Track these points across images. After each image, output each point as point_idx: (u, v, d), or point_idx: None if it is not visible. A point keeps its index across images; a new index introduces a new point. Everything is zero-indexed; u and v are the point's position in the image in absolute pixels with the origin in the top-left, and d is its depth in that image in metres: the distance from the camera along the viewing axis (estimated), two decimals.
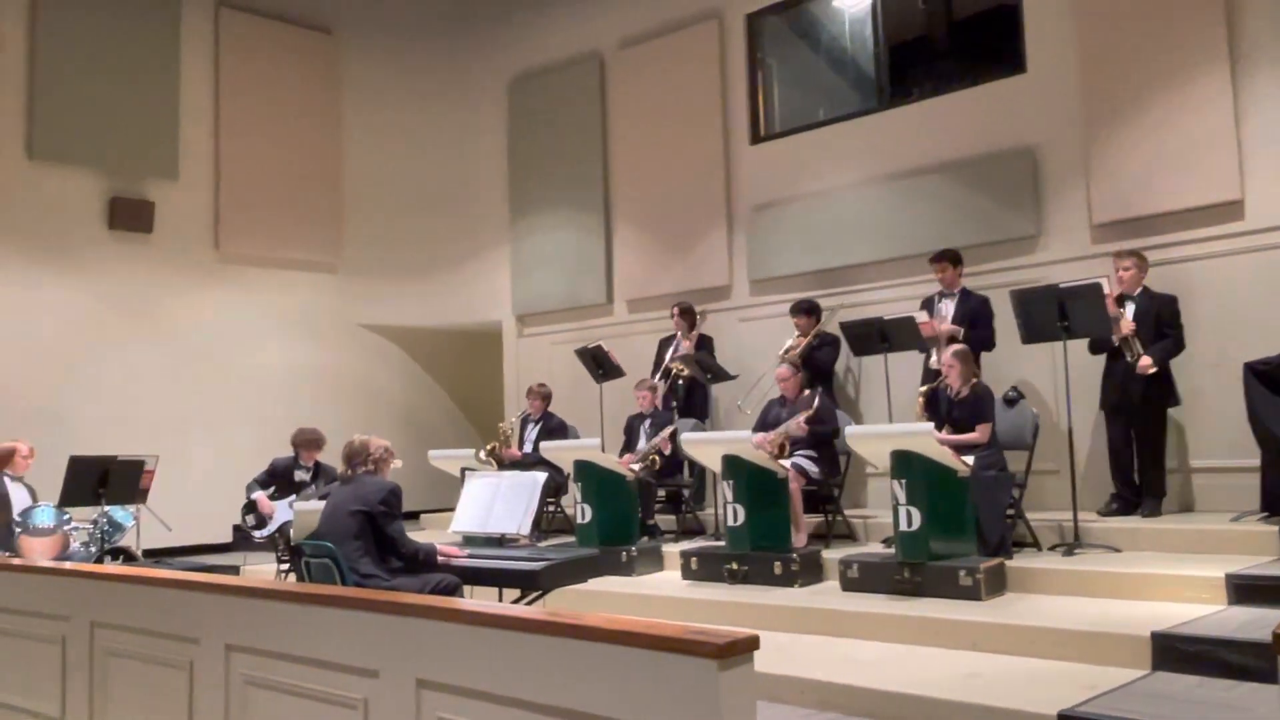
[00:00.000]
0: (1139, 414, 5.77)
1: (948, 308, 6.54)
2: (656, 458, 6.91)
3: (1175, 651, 3.87)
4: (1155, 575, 4.69)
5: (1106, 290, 5.40)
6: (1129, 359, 5.74)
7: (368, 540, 4.12)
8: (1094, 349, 5.93)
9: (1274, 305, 5.91)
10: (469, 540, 4.91)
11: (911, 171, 7.43)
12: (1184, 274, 6.22)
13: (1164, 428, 5.78)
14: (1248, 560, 4.81)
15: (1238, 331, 5.97)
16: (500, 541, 4.77)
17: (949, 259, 6.55)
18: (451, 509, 5.15)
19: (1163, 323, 5.73)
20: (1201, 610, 4.32)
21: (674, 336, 7.98)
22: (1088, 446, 6.07)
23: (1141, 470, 5.82)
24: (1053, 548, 5.54)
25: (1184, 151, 6.25)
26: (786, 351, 7.14)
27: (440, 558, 4.29)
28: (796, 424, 6.11)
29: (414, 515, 9.16)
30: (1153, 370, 5.61)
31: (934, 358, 6.42)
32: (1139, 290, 5.82)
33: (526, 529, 4.68)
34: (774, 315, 7.98)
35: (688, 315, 7.90)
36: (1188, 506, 6.07)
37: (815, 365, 7.11)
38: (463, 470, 6.15)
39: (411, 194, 10.33)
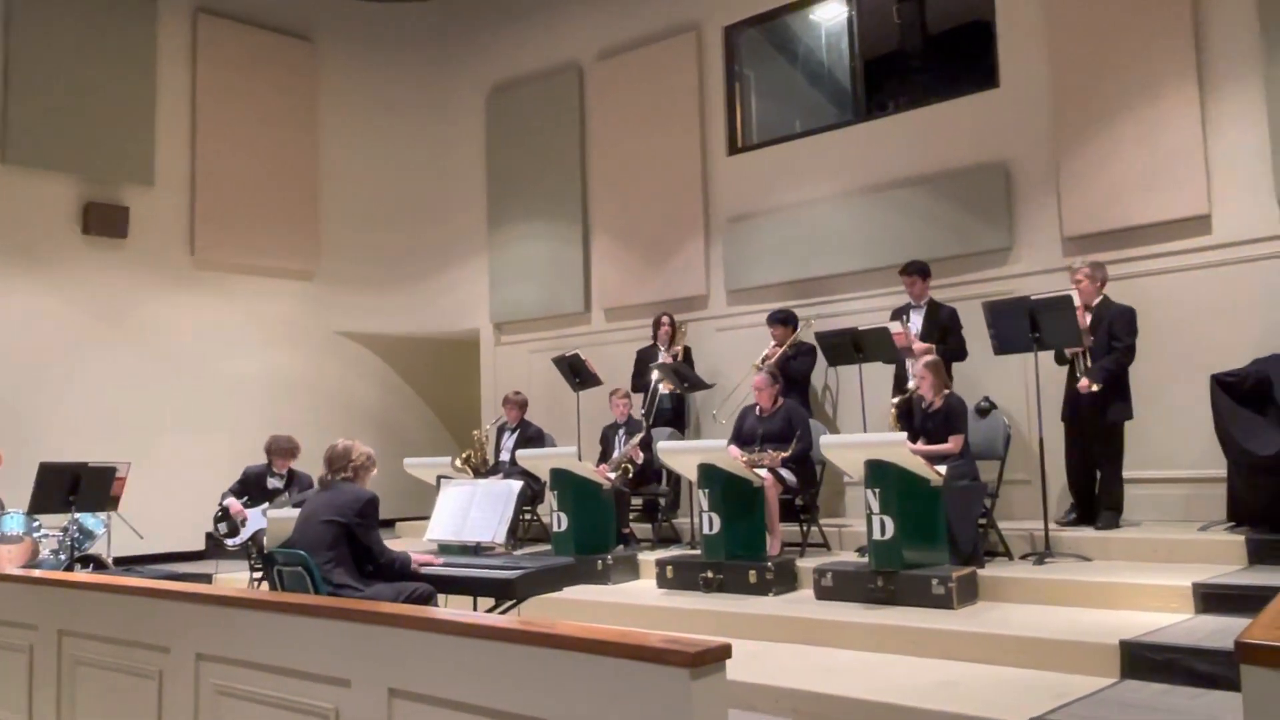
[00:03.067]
0: (1090, 427, 5.82)
1: (916, 319, 6.58)
2: (629, 466, 6.90)
3: (1144, 660, 3.91)
4: (1124, 584, 4.73)
5: (1078, 303, 5.45)
6: (1078, 375, 5.80)
7: (342, 550, 4.08)
8: (1059, 360, 5.99)
9: (1240, 318, 5.99)
10: (444, 548, 4.89)
11: (886, 184, 7.49)
12: (1152, 287, 6.30)
13: (1116, 442, 5.81)
14: (1215, 570, 4.87)
15: (1205, 344, 6.05)
16: (475, 550, 4.75)
17: (917, 271, 6.61)
18: (427, 517, 5.12)
19: (1112, 334, 5.77)
20: (1170, 619, 4.36)
21: (653, 347, 7.99)
22: (1059, 457, 6.13)
23: (1099, 483, 5.87)
24: (1024, 556, 5.58)
25: (1153, 167, 6.33)
26: (763, 360, 7.17)
27: (416, 567, 4.25)
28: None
29: (389, 523, 9.07)
30: (1094, 390, 5.65)
31: (909, 368, 6.46)
32: (1097, 301, 5.89)
33: (502, 537, 4.67)
34: (751, 325, 8.01)
35: (670, 326, 7.92)
36: (1156, 517, 6.13)
37: (790, 375, 7.14)
38: (438, 478, 6.11)
39: (390, 202, 10.30)
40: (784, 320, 7.30)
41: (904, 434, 5.36)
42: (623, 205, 8.96)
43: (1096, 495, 5.88)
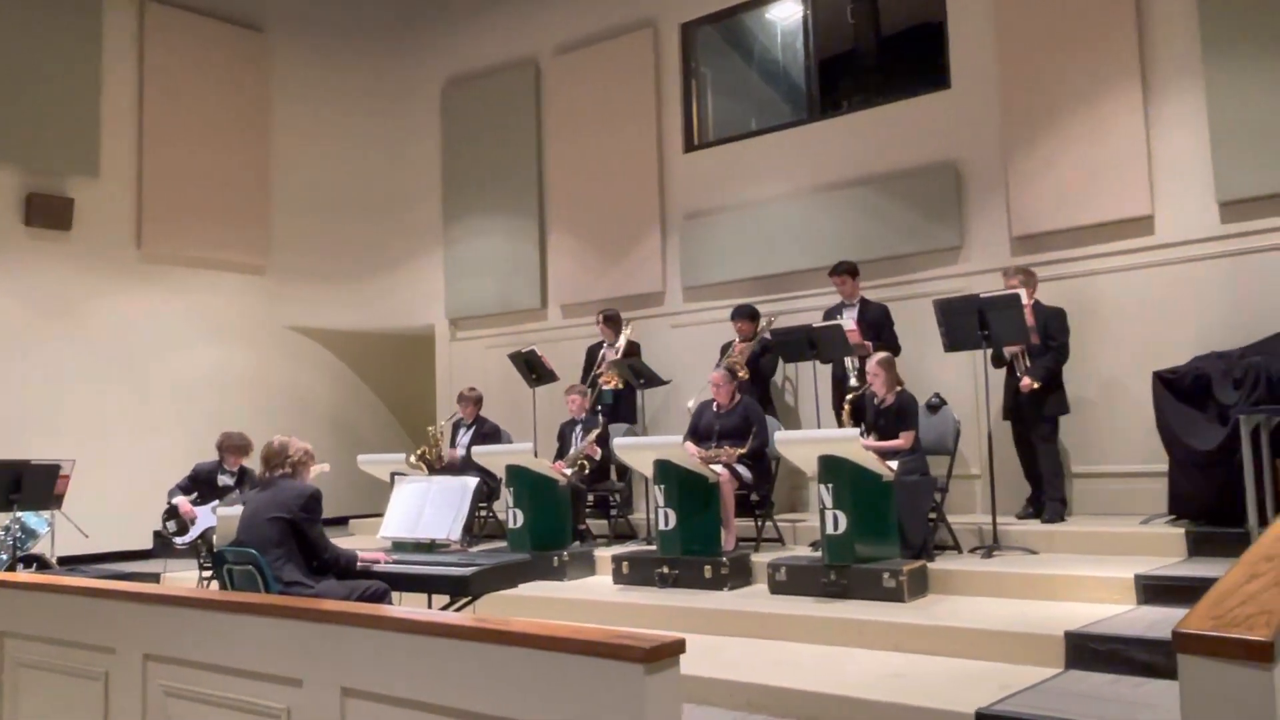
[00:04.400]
0: (1029, 423, 5.95)
1: (849, 317, 6.64)
2: (586, 462, 6.89)
3: (1087, 650, 3.99)
4: (1069, 577, 4.84)
5: (1026, 301, 5.55)
6: (1018, 374, 5.91)
7: (290, 546, 4.03)
8: (996, 362, 6.08)
9: (1181, 316, 6.14)
10: (398, 545, 4.85)
11: (840, 183, 7.55)
12: (1098, 285, 6.43)
13: (1053, 436, 5.94)
14: (1156, 561, 4.99)
15: (1148, 341, 6.19)
16: (430, 547, 4.71)
17: (846, 271, 6.69)
18: (381, 514, 5.07)
19: (1048, 334, 5.90)
20: (1113, 610, 4.45)
21: (602, 343, 7.97)
22: (1007, 451, 6.24)
23: (1041, 478, 5.99)
24: (973, 550, 5.67)
25: (1099, 168, 6.45)
26: (729, 349, 7.18)
27: (361, 564, 4.21)
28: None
29: (343, 520, 9.01)
30: (1035, 388, 5.77)
31: (849, 367, 6.53)
32: (1029, 304, 6.01)
33: (457, 534, 4.64)
34: (706, 322, 8.03)
35: (612, 322, 7.90)
36: (1100, 510, 6.27)
37: (760, 371, 7.17)
38: (392, 475, 6.08)
39: (343, 196, 10.16)
40: (750, 315, 7.32)
41: (857, 430, 5.41)
42: (579, 201, 8.94)
43: (1041, 489, 6.00)
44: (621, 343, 7.82)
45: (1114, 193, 6.39)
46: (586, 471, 6.95)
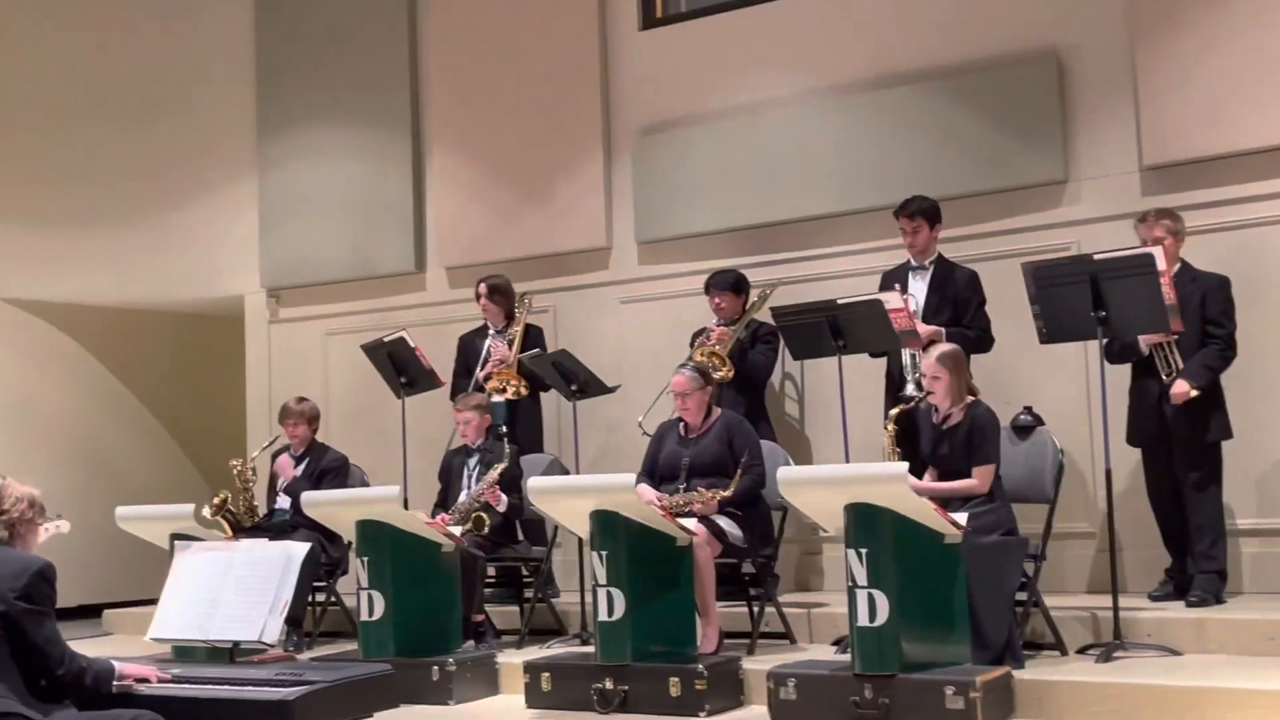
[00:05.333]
0: (1178, 455, 5.98)
1: (919, 287, 6.63)
2: (484, 516, 6.81)
3: None
4: (1229, 692, 4.83)
5: (1160, 266, 5.55)
6: (1163, 376, 5.93)
7: (2, 654, 3.89)
8: (1114, 355, 6.09)
9: None
10: (182, 653, 4.81)
11: (877, 80, 7.55)
12: (1269, 243, 6.49)
13: (1214, 475, 5.97)
14: None
15: None
16: (232, 655, 4.66)
17: (921, 213, 6.66)
18: (153, 601, 4.99)
19: (1208, 317, 5.93)
20: None
21: (484, 328, 7.96)
22: (1137, 497, 6.24)
23: (1190, 539, 6.03)
24: (1084, 650, 5.67)
25: (1273, 67, 6.49)
26: (702, 338, 7.13)
27: (120, 682, 4.11)
28: (706, 502, 6.13)
29: (92, 611, 8.89)
30: (1192, 396, 5.80)
31: (907, 362, 6.51)
32: (1176, 268, 6.01)
33: (274, 633, 4.58)
34: (673, 294, 8.03)
35: (501, 295, 7.87)
36: (1276, 587, 6.31)
37: (750, 371, 7.16)
38: (173, 538, 5.97)
39: (84, 92, 9.97)
40: (734, 286, 7.28)
41: (904, 464, 5.37)
42: (477, 108, 8.89)
43: (1190, 554, 6.03)
44: (518, 328, 7.77)
45: None
46: (485, 530, 6.86)
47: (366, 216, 9.28)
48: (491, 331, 7.91)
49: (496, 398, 7.61)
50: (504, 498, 6.95)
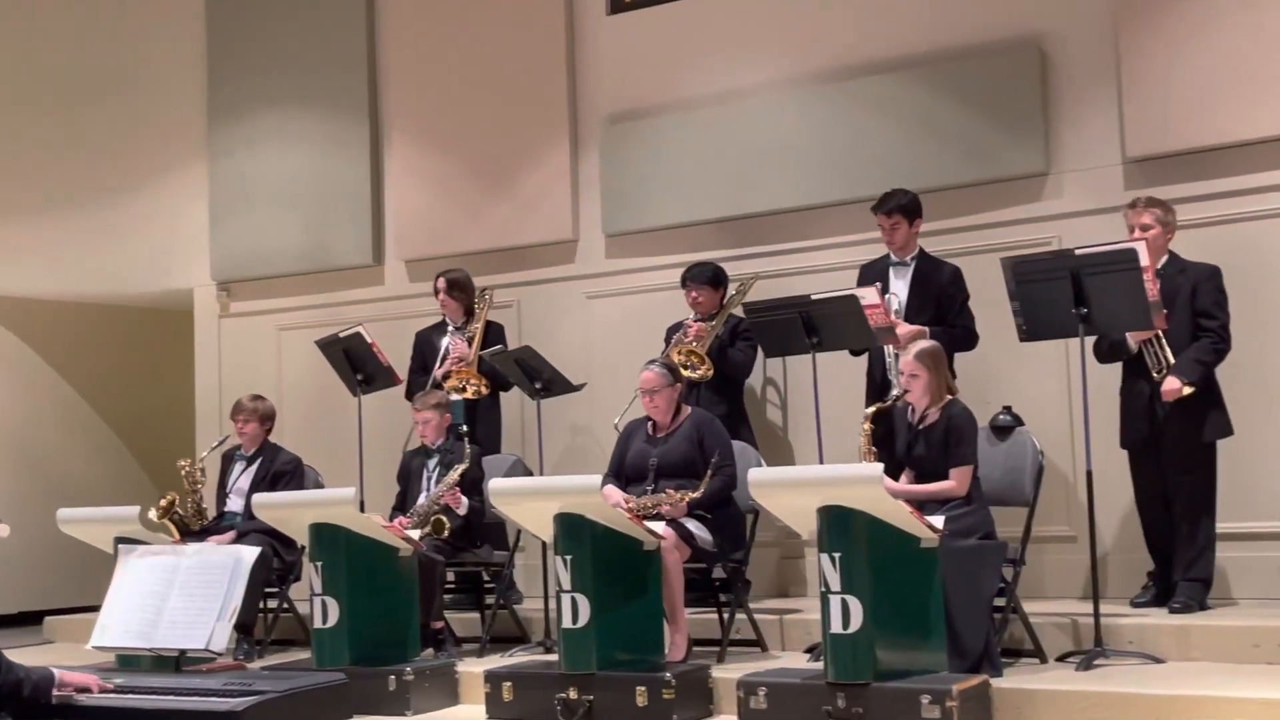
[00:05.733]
0: (1171, 456, 6.00)
1: (899, 283, 6.64)
2: (444, 519, 6.80)
3: None
4: (1214, 700, 4.84)
5: (1144, 262, 5.58)
6: (1154, 374, 5.95)
7: None
8: (1104, 354, 6.12)
9: None
10: (125, 662, 4.80)
11: (855, 68, 7.57)
12: (1257, 237, 6.52)
13: (1206, 472, 6.00)
14: None
15: None
16: (178, 664, 4.65)
17: (900, 209, 6.66)
18: (96, 608, 5.00)
19: (1199, 309, 5.95)
20: None
21: (443, 324, 7.96)
22: (1119, 499, 6.27)
23: (1175, 544, 6.06)
24: (1064, 657, 5.69)
25: (1263, 55, 6.52)
26: (679, 335, 7.14)
27: (60, 692, 4.09)
28: (675, 504, 6.13)
29: (33, 618, 8.88)
30: (1186, 394, 5.82)
31: (889, 364, 6.53)
32: (1164, 259, 6.04)
33: (222, 641, 4.59)
34: (643, 289, 8.05)
35: (460, 290, 7.86)
36: (1261, 592, 6.35)
37: (729, 369, 7.18)
38: (118, 541, 5.94)
39: (22, 68, 9.91)
40: (712, 280, 7.29)
41: (879, 465, 5.39)
42: (437, 94, 8.89)
43: (1176, 560, 6.06)
44: (478, 325, 7.77)
45: None
46: (445, 534, 6.85)
47: (322, 206, 9.25)
48: (450, 328, 7.89)
49: (455, 396, 7.58)
50: (465, 500, 6.95)
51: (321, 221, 9.25)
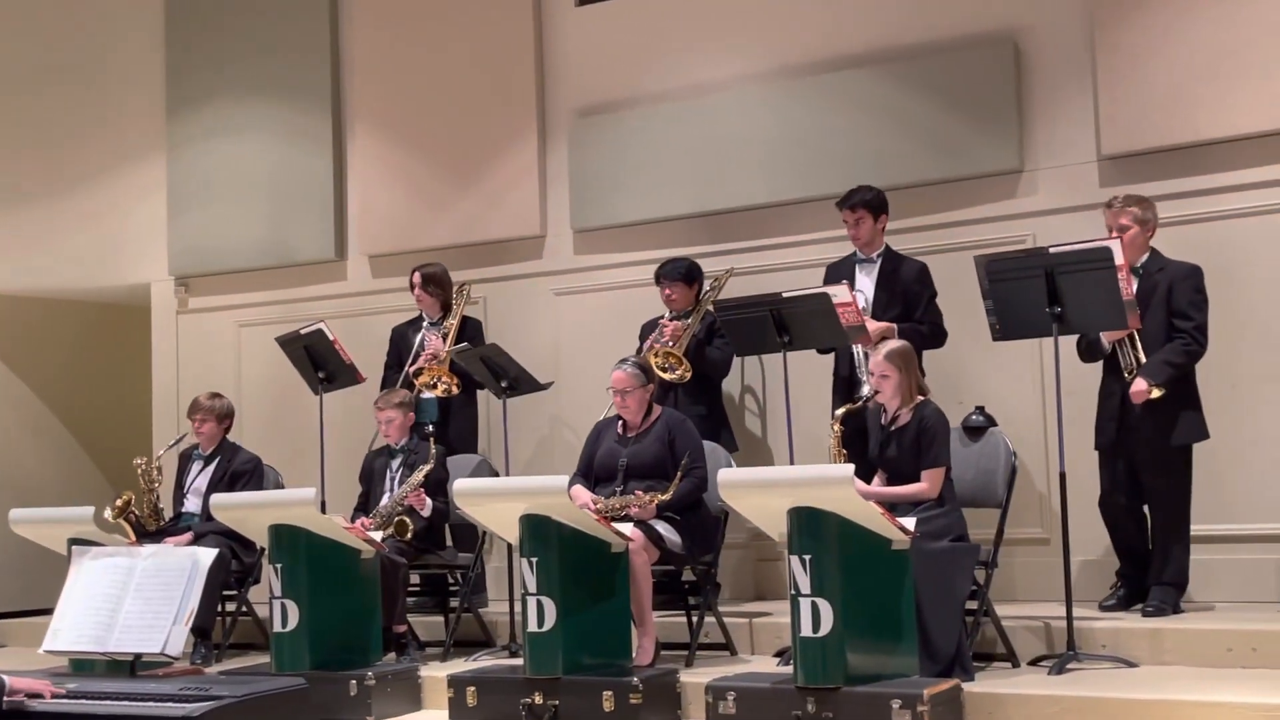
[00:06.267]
0: (1143, 459, 6.03)
1: (865, 281, 6.66)
2: (408, 520, 6.79)
3: None
4: (1188, 704, 4.87)
5: (1120, 260, 5.60)
6: (1125, 374, 5.98)
7: None
8: (1086, 354, 6.16)
9: None
10: (78, 666, 4.79)
11: (827, 63, 7.58)
12: (1233, 236, 6.56)
13: (1180, 476, 6.02)
14: None
15: None
16: (133, 668, 4.60)
17: (865, 204, 6.69)
18: (49, 610, 4.95)
19: (1174, 310, 5.97)
20: None
21: (419, 319, 7.95)
22: (1093, 501, 6.29)
23: (1148, 545, 6.10)
24: (1036, 661, 5.72)
25: (1240, 51, 6.56)
26: (655, 334, 7.15)
27: (10, 698, 4.06)
28: (644, 505, 6.12)
29: None
30: (1155, 397, 5.84)
31: (859, 362, 6.55)
32: (1144, 257, 6.07)
33: (179, 645, 4.54)
34: (611, 286, 8.06)
35: (437, 285, 7.84)
36: (1235, 595, 6.39)
37: (708, 367, 7.19)
38: (71, 543, 5.92)
39: None
40: (686, 276, 7.29)
41: (850, 467, 5.39)
42: (402, 85, 8.86)
43: (1149, 564, 6.08)
44: (454, 321, 7.75)
45: (1264, 91, 6.51)
46: (409, 536, 6.84)
47: (283, 200, 9.21)
48: (426, 323, 7.86)
49: (427, 394, 7.58)
50: (429, 501, 6.93)
51: (283, 215, 9.21)
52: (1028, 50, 7.13)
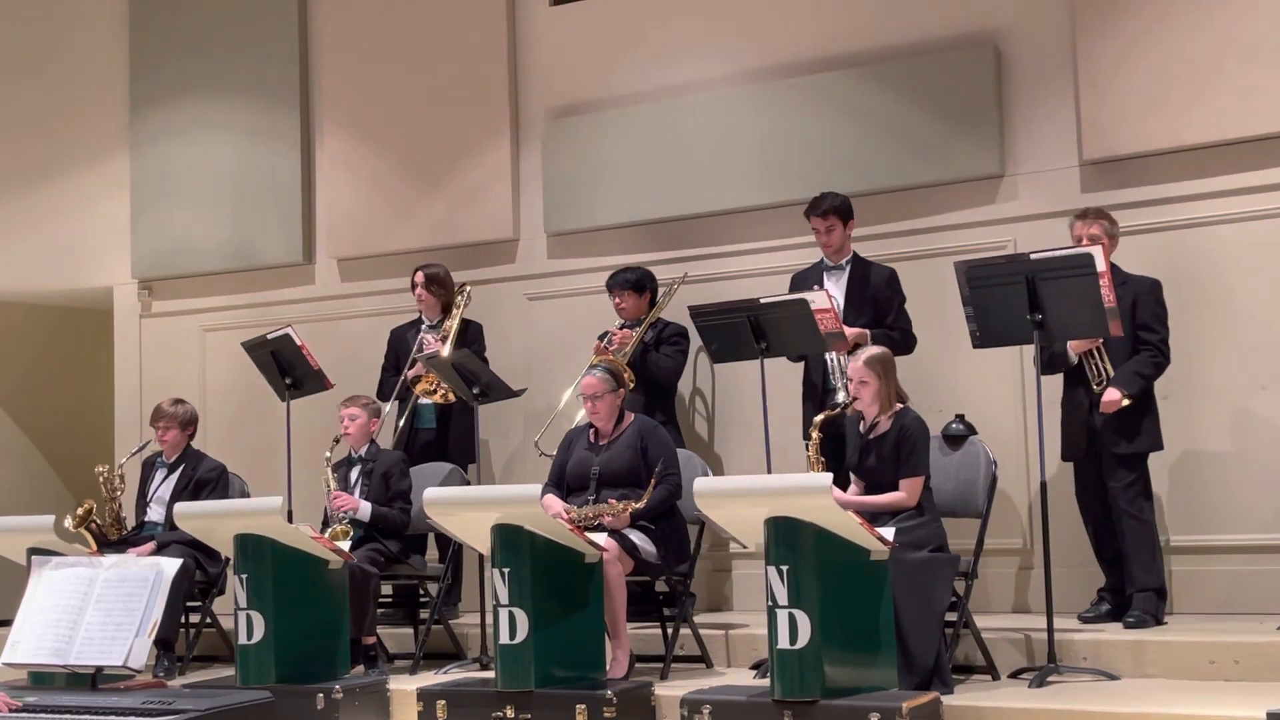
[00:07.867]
0: (1106, 468, 6.10)
1: (834, 288, 6.66)
2: (342, 528, 6.85)
3: None
4: (1170, 718, 4.90)
5: (1100, 267, 5.64)
6: (1094, 385, 6.04)
7: None
8: (1045, 364, 6.15)
9: None
10: (37, 679, 4.78)
11: (804, 65, 7.60)
12: (1211, 244, 6.60)
13: (1143, 490, 6.10)
14: None
15: None
16: (94, 681, 4.57)
17: (837, 212, 6.71)
18: (7, 622, 4.88)
19: (1139, 322, 6.03)
20: None
21: (418, 321, 7.91)
22: (1073, 511, 6.33)
23: (1125, 556, 6.14)
24: (1017, 674, 5.74)
25: (1221, 56, 6.60)
26: (605, 344, 7.15)
27: None
28: (617, 514, 6.13)
29: None
30: (1124, 405, 5.91)
31: (831, 369, 6.57)
32: (1107, 271, 6.11)
33: (142, 657, 4.51)
34: (585, 291, 8.03)
35: (439, 286, 7.83)
36: (1215, 607, 6.43)
37: (653, 374, 7.18)
38: (30, 552, 5.78)
39: None
40: (636, 285, 7.31)
41: (829, 475, 5.41)
42: (372, 85, 8.86)
43: (1127, 573, 6.13)
44: (453, 324, 7.73)
45: (1246, 97, 6.55)
46: (348, 546, 6.81)
47: (249, 201, 9.18)
48: (425, 325, 7.84)
49: (425, 400, 7.57)
50: (364, 504, 6.94)
51: (249, 217, 9.18)
52: (1009, 54, 7.16)
